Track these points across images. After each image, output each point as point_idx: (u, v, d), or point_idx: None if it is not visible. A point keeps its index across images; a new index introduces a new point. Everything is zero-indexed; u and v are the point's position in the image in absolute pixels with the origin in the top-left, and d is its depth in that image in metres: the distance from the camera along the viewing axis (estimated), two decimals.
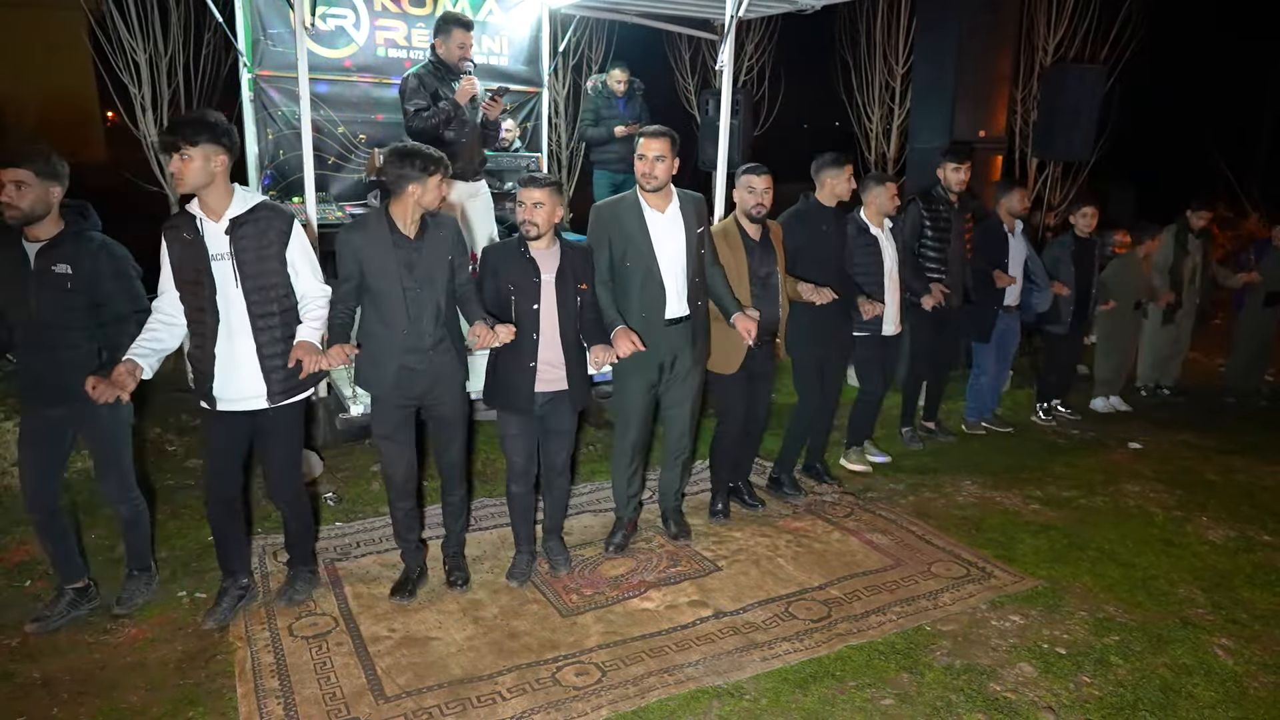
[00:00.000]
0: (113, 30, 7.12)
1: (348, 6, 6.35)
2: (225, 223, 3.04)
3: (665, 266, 3.69)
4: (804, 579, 3.78)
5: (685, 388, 3.87)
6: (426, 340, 3.33)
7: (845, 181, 4.38)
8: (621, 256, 3.67)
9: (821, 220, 4.37)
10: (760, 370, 4.19)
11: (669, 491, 4.16)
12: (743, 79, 10.39)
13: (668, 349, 3.77)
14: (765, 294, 4.05)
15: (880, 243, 4.69)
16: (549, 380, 3.53)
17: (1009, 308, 5.54)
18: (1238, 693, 3.04)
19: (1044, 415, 6.11)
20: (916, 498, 4.70)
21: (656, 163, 3.61)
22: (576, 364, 3.57)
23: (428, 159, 3.23)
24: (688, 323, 3.78)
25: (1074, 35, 9.11)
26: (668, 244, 3.69)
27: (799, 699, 2.97)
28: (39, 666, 3.09)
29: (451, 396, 3.48)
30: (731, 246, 4.00)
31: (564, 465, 3.78)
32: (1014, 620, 3.47)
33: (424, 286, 3.30)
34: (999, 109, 7.34)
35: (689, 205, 3.76)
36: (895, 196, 4.68)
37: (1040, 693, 3.02)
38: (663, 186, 3.66)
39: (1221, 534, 4.29)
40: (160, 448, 4.98)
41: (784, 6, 6.23)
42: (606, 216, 3.71)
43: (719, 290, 3.87)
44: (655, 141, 3.62)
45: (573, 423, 3.71)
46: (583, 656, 3.19)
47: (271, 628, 3.34)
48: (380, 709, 2.88)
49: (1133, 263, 6.19)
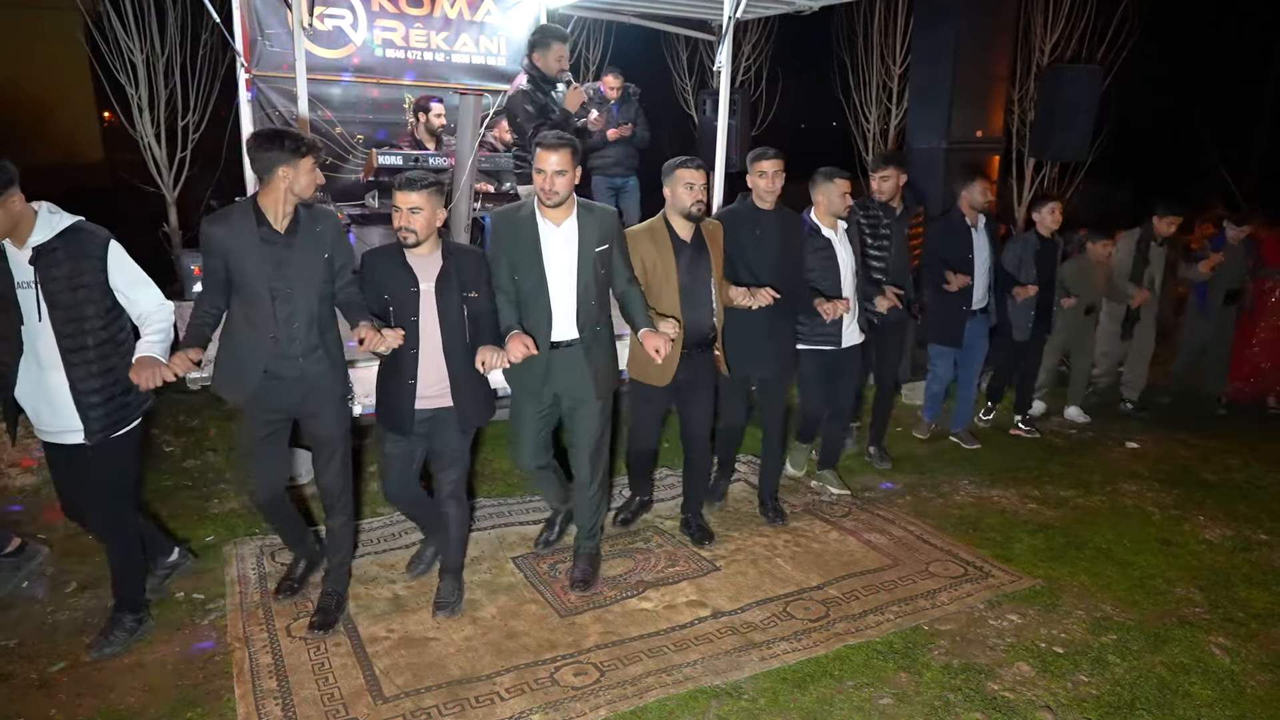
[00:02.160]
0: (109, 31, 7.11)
1: (346, 7, 6.35)
2: (29, 250, 2.83)
3: (554, 284, 3.37)
4: (802, 579, 3.78)
5: (584, 427, 3.53)
6: (297, 346, 3.05)
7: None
8: (513, 269, 3.36)
9: (755, 223, 3.99)
10: (687, 383, 3.82)
11: (580, 527, 3.76)
12: (740, 79, 10.41)
13: (559, 376, 3.44)
14: (695, 299, 3.72)
15: (834, 245, 4.26)
16: (431, 398, 3.26)
17: (975, 310, 5.14)
18: (1235, 691, 3.05)
19: (984, 416, 5.88)
20: (914, 497, 4.70)
21: (556, 177, 3.24)
22: (466, 380, 3.27)
23: (298, 139, 2.95)
24: (576, 349, 3.42)
25: (1071, 35, 9.13)
26: (559, 260, 3.36)
27: (797, 699, 2.97)
28: (36, 667, 3.08)
29: (327, 410, 3.19)
30: (658, 247, 3.67)
31: (453, 490, 3.41)
32: (1012, 620, 3.48)
33: (295, 287, 3.01)
34: (996, 109, 7.35)
35: (591, 221, 3.39)
36: (848, 195, 4.26)
37: (1038, 692, 3.02)
38: (563, 202, 3.31)
39: (1218, 533, 4.30)
40: (158, 449, 4.98)
41: (781, 7, 6.24)
42: (500, 226, 3.41)
43: (632, 309, 3.51)
44: (554, 154, 3.23)
45: (460, 443, 3.39)
46: (581, 656, 3.19)
47: (269, 628, 3.33)
48: (378, 709, 2.88)
49: (1086, 264, 5.77)
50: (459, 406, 3.30)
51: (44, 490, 4.40)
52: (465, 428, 3.39)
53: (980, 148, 7.27)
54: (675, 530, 4.22)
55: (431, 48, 6.71)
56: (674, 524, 4.27)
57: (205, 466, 4.86)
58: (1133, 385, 6.25)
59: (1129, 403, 6.27)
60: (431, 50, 6.72)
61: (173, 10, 7.45)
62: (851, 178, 4.28)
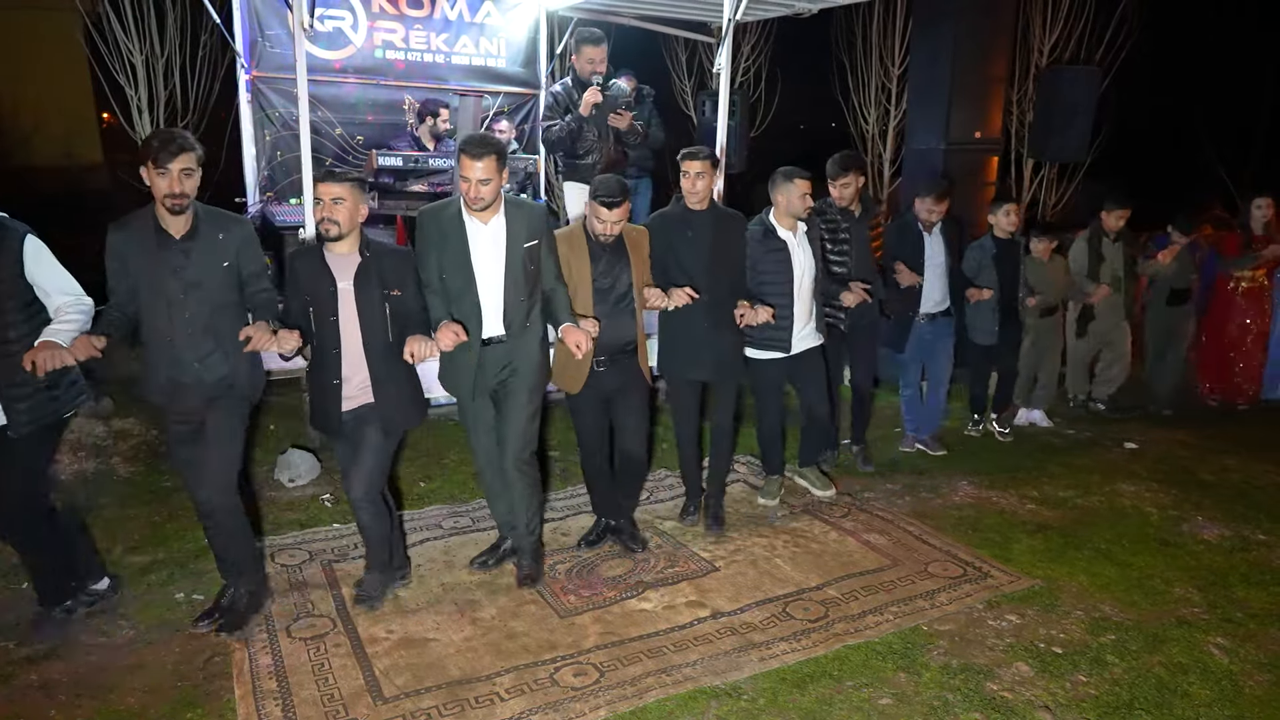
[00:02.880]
0: (109, 32, 7.11)
1: (346, 8, 6.36)
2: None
3: (483, 282, 3.37)
4: (801, 579, 3.79)
5: (512, 420, 3.49)
6: (191, 353, 3.05)
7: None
8: (440, 268, 3.36)
9: (686, 224, 3.90)
10: (616, 393, 3.77)
11: (519, 525, 3.70)
12: (740, 81, 10.41)
13: (489, 373, 3.45)
14: (612, 306, 3.66)
15: (790, 248, 4.15)
16: (356, 397, 3.25)
17: (930, 315, 5.03)
18: (1233, 691, 3.05)
19: (973, 426, 5.68)
20: (913, 498, 4.71)
21: (481, 185, 3.22)
22: (390, 379, 3.25)
23: (162, 142, 2.89)
24: (506, 346, 3.43)
25: (1069, 37, 9.15)
26: (487, 258, 3.36)
27: (796, 699, 2.98)
28: (36, 669, 3.08)
29: (218, 417, 3.16)
30: (575, 252, 3.62)
31: (366, 493, 3.32)
32: (1010, 620, 3.49)
33: (189, 293, 3.00)
34: (995, 110, 7.37)
35: (519, 217, 3.39)
36: (808, 196, 4.23)
37: (1037, 692, 3.03)
38: (490, 206, 3.31)
39: (1217, 533, 4.31)
40: (156, 449, 4.98)
41: (781, 9, 6.26)
42: (428, 224, 3.40)
43: (555, 306, 3.51)
44: (478, 163, 3.19)
45: (380, 443, 3.31)
46: (581, 657, 3.19)
47: (269, 629, 3.34)
48: (378, 710, 2.88)
49: (1037, 265, 5.60)
50: (380, 406, 3.26)
51: None
52: (389, 428, 3.33)
53: (979, 149, 7.29)
54: (675, 531, 4.22)
55: (431, 49, 6.73)
56: (673, 524, 4.28)
57: None
58: (1105, 385, 6.11)
59: (1098, 403, 6.11)
60: (431, 51, 6.74)
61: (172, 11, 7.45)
62: (812, 178, 4.15)
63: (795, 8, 6.11)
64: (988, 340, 5.37)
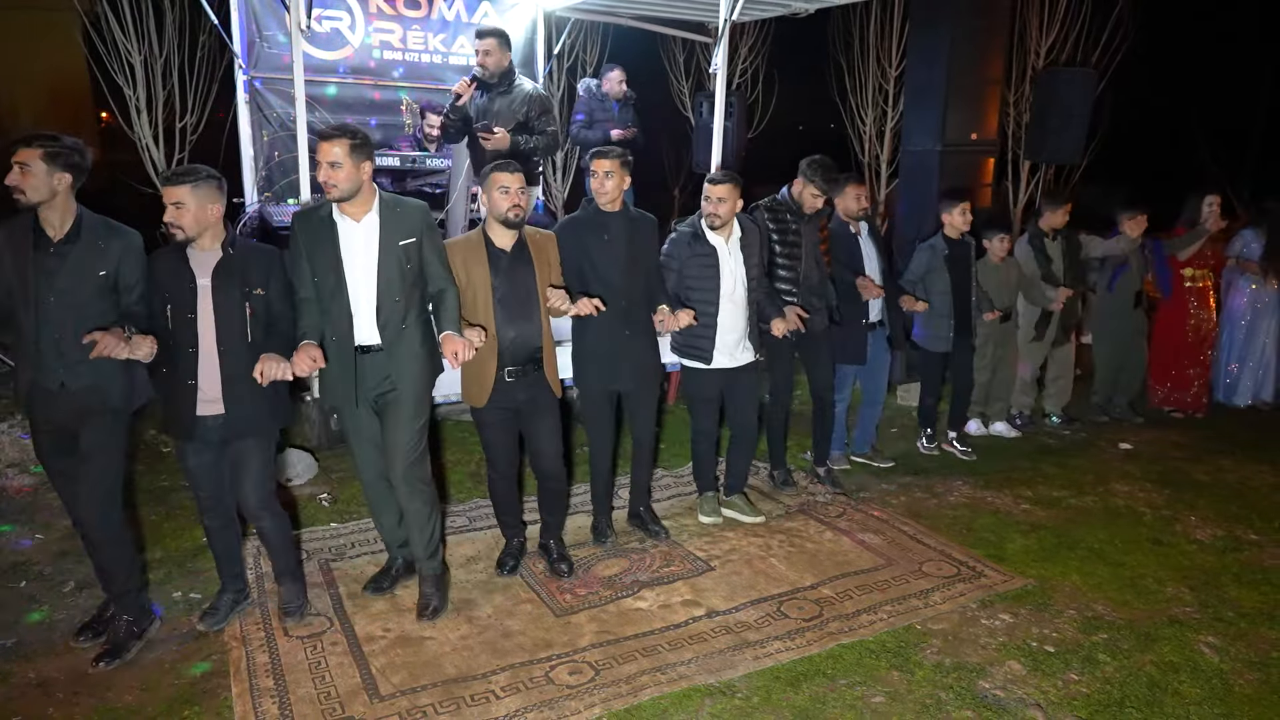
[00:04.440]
0: (107, 31, 7.12)
1: (343, 9, 6.37)
2: None
3: (354, 284, 3.19)
4: (796, 578, 3.80)
5: (393, 435, 3.30)
6: (55, 360, 2.95)
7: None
8: (313, 271, 3.20)
9: (602, 228, 3.76)
10: (525, 405, 3.60)
11: (415, 549, 3.51)
12: (736, 82, 10.42)
13: (370, 382, 3.27)
14: (513, 314, 3.49)
15: (720, 255, 3.98)
16: (216, 400, 3.09)
17: (872, 324, 4.76)
18: (1223, 690, 3.08)
19: (927, 444, 5.40)
20: (908, 498, 4.73)
21: (333, 169, 3.07)
22: (244, 382, 3.04)
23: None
24: (383, 354, 3.25)
25: (1065, 39, 9.16)
26: (358, 258, 3.19)
27: (790, 697, 3.00)
28: (34, 667, 3.10)
29: (90, 426, 3.04)
30: (470, 256, 3.45)
31: (260, 501, 3.23)
32: (1003, 619, 3.51)
33: (63, 298, 2.92)
34: (991, 112, 7.38)
35: (394, 215, 3.22)
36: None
37: (1029, 690, 3.05)
38: (348, 196, 3.12)
39: (1209, 533, 4.33)
40: (155, 449, 4.99)
41: (778, 10, 6.27)
42: (299, 227, 3.24)
43: (441, 310, 3.34)
44: (330, 145, 3.06)
45: (254, 454, 3.19)
46: (576, 655, 3.21)
47: (266, 628, 3.35)
48: (375, 708, 2.90)
49: (989, 268, 5.37)
50: (230, 411, 3.09)
51: (41, 490, 4.42)
52: (241, 432, 3.14)
53: (975, 150, 7.31)
54: (672, 530, 4.23)
55: (429, 49, 6.74)
56: (669, 523, 4.29)
57: None
58: (1057, 398, 5.95)
59: (1052, 416, 5.95)
60: (429, 52, 6.75)
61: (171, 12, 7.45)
62: (740, 183, 3.98)
63: (792, 7, 6.12)
64: (943, 348, 5.16)
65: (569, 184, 9.90)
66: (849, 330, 4.66)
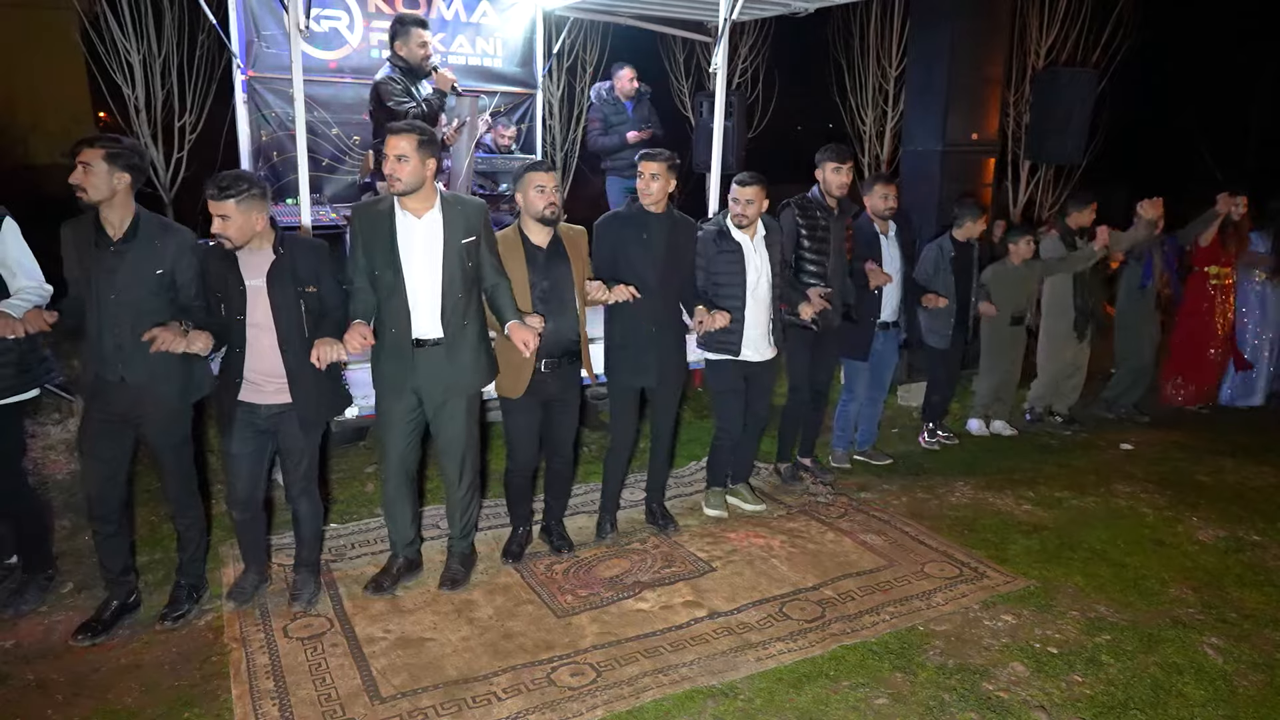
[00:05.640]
0: (106, 31, 7.11)
1: (341, 8, 6.36)
2: None
3: (413, 279, 3.28)
4: (798, 579, 3.79)
5: (450, 428, 3.47)
6: (117, 353, 3.08)
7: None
8: (371, 265, 3.30)
9: (643, 227, 3.85)
10: (557, 398, 3.75)
11: (451, 527, 3.72)
12: (737, 81, 10.42)
13: (423, 375, 3.37)
14: (552, 309, 3.59)
15: (745, 251, 4.08)
16: (271, 394, 3.22)
17: (886, 324, 4.87)
18: (1227, 691, 3.07)
19: (929, 438, 5.55)
20: (910, 498, 4.72)
21: (399, 163, 3.16)
22: (305, 376, 3.20)
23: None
24: (442, 347, 3.35)
25: (1066, 39, 9.16)
26: (419, 254, 3.28)
27: (793, 699, 2.99)
28: (33, 668, 3.08)
29: (153, 419, 3.19)
30: (510, 255, 3.55)
31: (304, 488, 3.41)
32: (1006, 620, 3.50)
33: (118, 293, 3.05)
34: (991, 112, 7.38)
35: (456, 212, 3.31)
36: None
37: (1032, 692, 3.04)
38: (412, 189, 3.22)
39: (1212, 534, 4.32)
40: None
41: (778, 9, 6.26)
42: (359, 221, 3.35)
43: (500, 303, 3.44)
44: (399, 139, 3.17)
45: (304, 441, 3.33)
46: (578, 657, 3.20)
47: (266, 629, 3.34)
48: (375, 710, 2.88)
49: (1007, 270, 5.47)
50: (297, 403, 3.25)
51: (41, 490, 4.39)
52: (304, 426, 3.32)
53: (976, 150, 7.30)
54: (672, 529, 4.23)
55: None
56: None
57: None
58: (1067, 396, 5.93)
59: (1057, 415, 5.97)
60: None
61: (169, 11, 7.44)
62: (766, 184, 4.09)
63: (791, 7, 6.11)
64: (942, 344, 5.33)
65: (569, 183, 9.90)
66: (858, 325, 4.76)
